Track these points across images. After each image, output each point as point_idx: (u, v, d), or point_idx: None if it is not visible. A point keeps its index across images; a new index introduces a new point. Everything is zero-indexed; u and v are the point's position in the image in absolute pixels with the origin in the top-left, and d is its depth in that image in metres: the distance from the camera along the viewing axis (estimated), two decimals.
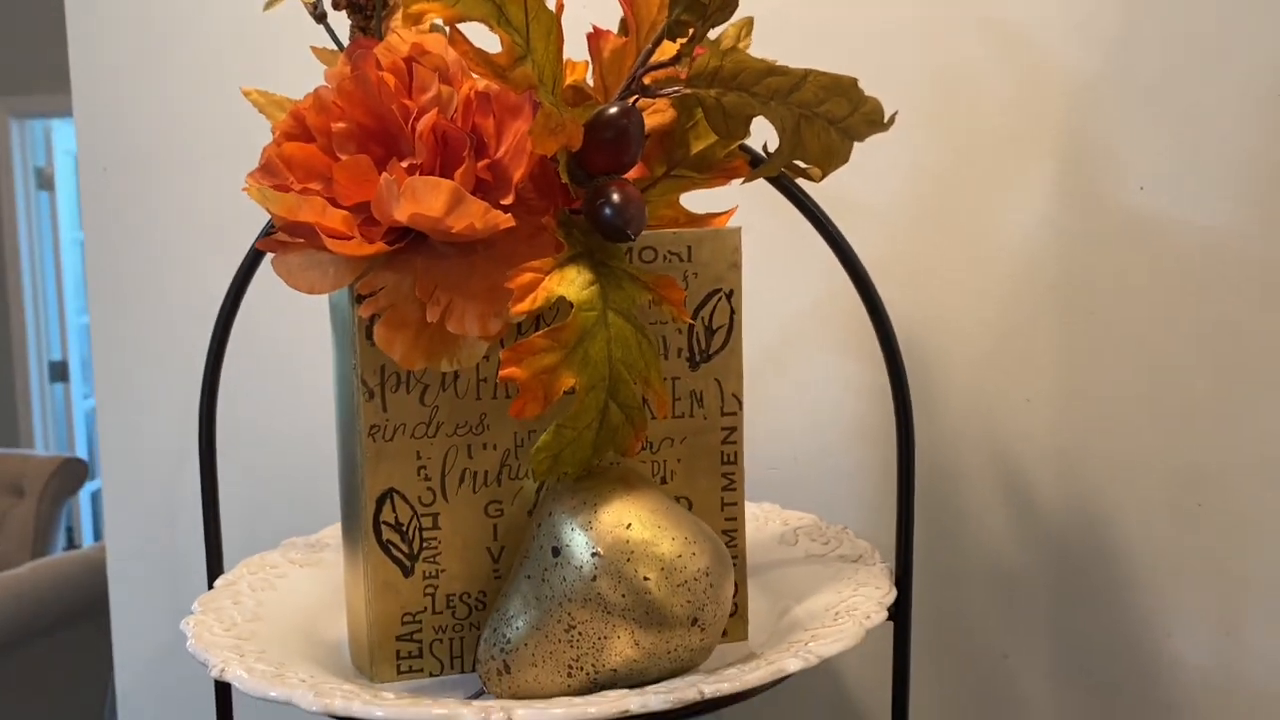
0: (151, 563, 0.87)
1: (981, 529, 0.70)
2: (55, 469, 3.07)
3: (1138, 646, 0.68)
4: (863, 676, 0.73)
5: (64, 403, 4.13)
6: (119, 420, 0.85)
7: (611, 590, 0.44)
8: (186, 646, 0.49)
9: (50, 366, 4.09)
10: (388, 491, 0.49)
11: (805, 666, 0.44)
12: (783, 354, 0.72)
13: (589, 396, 0.44)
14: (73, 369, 4.13)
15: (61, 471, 3.09)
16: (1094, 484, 0.67)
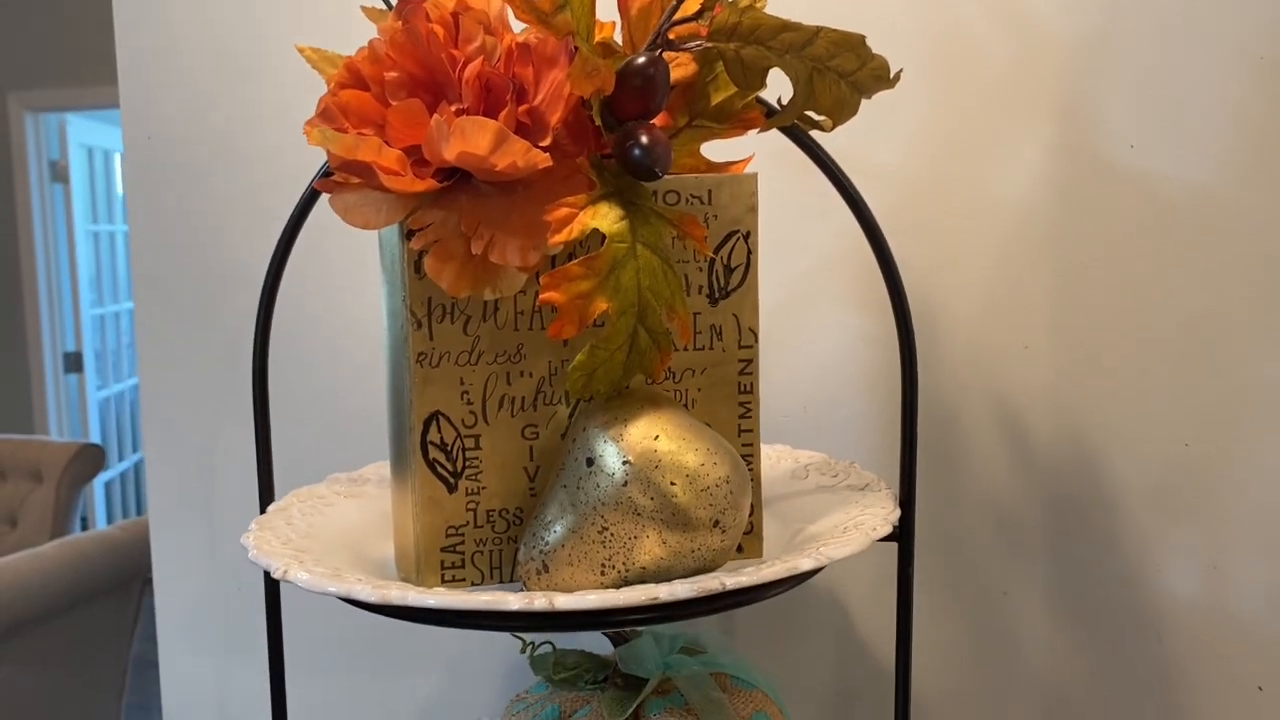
0: (191, 524, 0.91)
1: (982, 472, 0.74)
2: (73, 455, 3.12)
3: (1129, 580, 0.72)
4: (868, 612, 0.77)
5: (78, 393, 4.18)
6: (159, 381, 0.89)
7: (641, 495, 0.48)
8: (248, 557, 0.53)
9: (64, 358, 4.13)
10: (434, 414, 0.53)
11: (816, 566, 0.48)
12: (793, 307, 0.76)
13: (620, 320, 0.48)
14: (86, 360, 4.18)
15: (79, 458, 3.14)
16: (1088, 426, 0.71)
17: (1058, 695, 0.74)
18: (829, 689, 0.78)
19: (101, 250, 4.31)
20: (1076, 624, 0.73)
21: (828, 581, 0.78)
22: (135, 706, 2.95)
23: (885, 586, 0.74)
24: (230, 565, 0.91)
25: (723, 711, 0.59)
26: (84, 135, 4.09)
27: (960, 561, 0.75)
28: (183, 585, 0.92)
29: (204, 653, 0.92)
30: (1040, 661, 0.74)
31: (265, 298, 0.59)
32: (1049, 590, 0.73)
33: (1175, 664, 0.71)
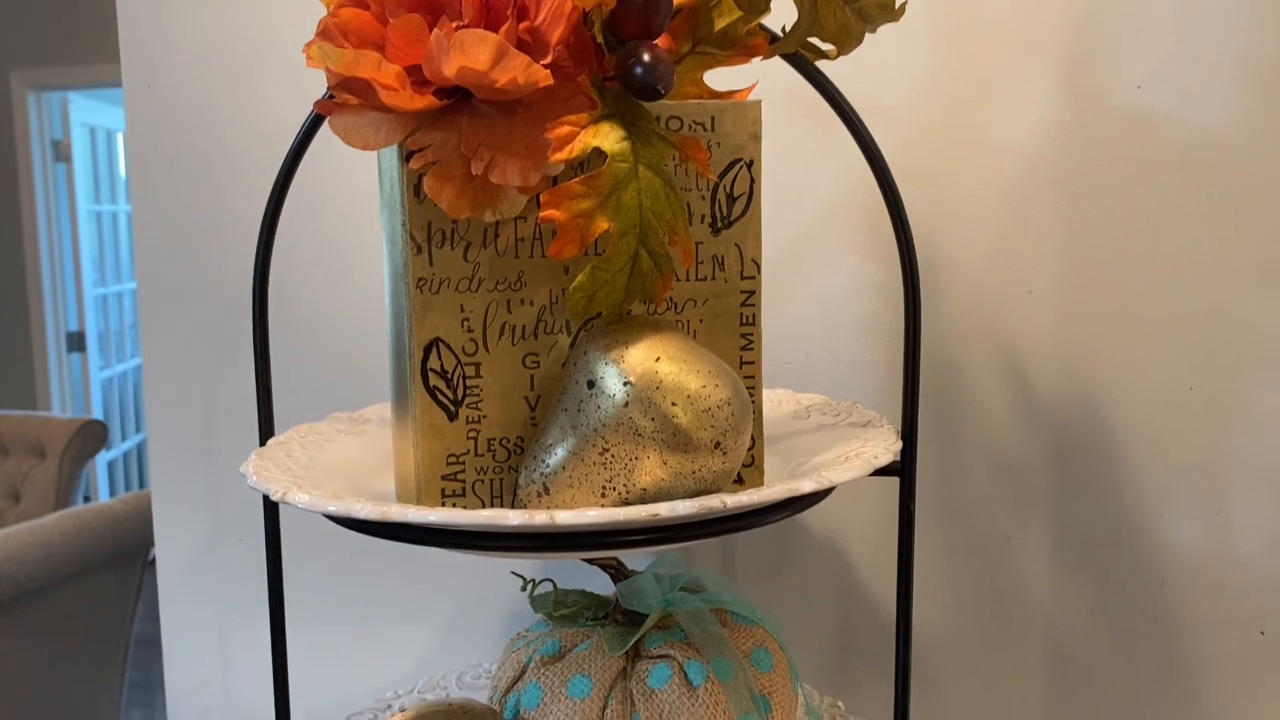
0: (190, 468, 0.91)
1: (985, 417, 0.74)
2: (76, 430, 3.13)
3: (1132, 526, 0.71)
4: (868, 563, 0.77)
5: (81, 373, 4.18)
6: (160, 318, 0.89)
7: (641, 416, 0.48)
8: (248, 483, 0.53)
9: (67, 337, 4.14)
10: (434, 341, 0.53)
11: (817, 488, 0.48)
12: (795, 253, 0.76)
13: (622, 241, 0.48)
14: (89, 340, 4.18)
15: (82, 433, 3.14)
16: (1092, 371, 0.71)
17: (1059, 642, 0.74)
18: (829, 639, 0.78)
19: (104, 230, 4.31)
20: (1079, 570, 0.73)
21: (827, 530, 0.78)
22: (138, 684, 2.96)
23: (885, 536, 0.74)
24: (231, 518, 0.91)
25: (723, 645, 0.59)
26: (86, 115, 4.08)
27: (962, 508, 0.75)
28: (184, 538, 0.92)
29: (205, 605, 0.92)
30: (1042, 608, 0.74)
31: (265, 229, 0.59)
32: (1051, 536, 0.73)
33: (1178, 609, 0.71)
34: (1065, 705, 0.74)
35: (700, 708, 0.56)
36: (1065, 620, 0.73)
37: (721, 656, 0.58)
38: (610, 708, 0.57)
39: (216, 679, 0.93)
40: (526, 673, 0.60)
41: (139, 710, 3.10)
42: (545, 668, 0.59)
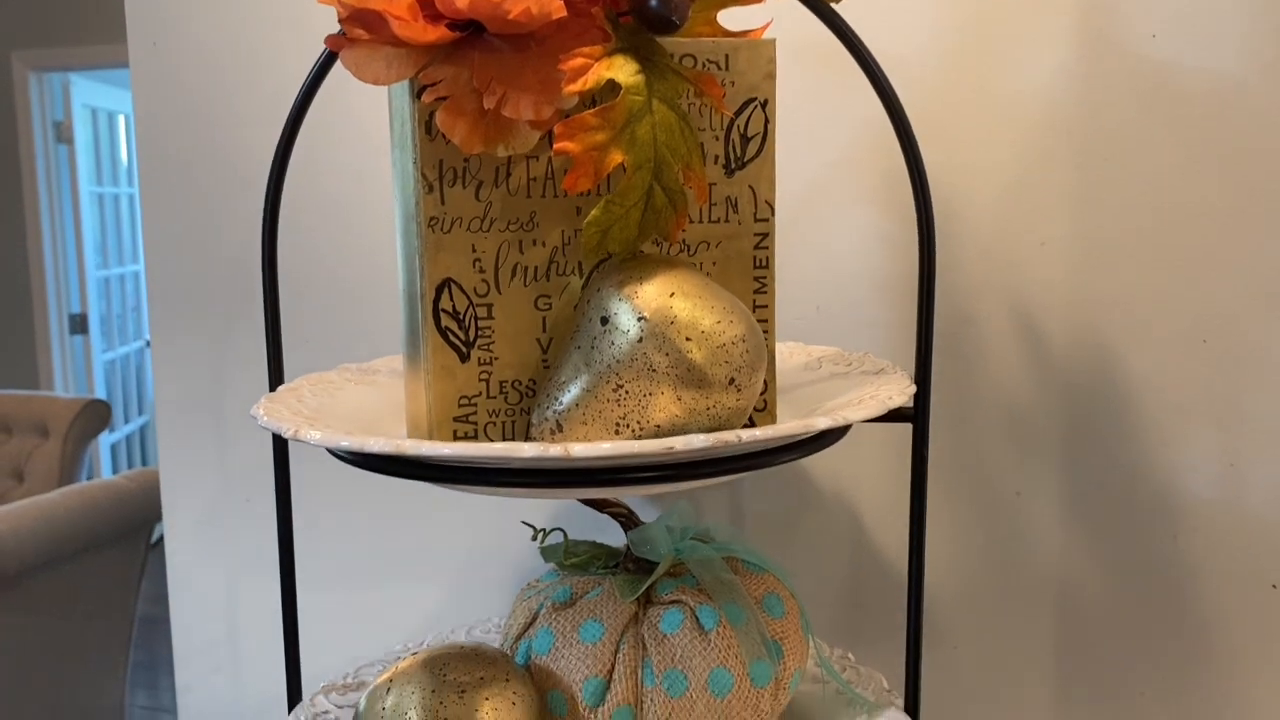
0: (198, 428, 0.91)
1: (996, 371, 0.73)
2: (79, 410, 3.13)
3: (1144, 481, 0.71)
4: (879, 520, 0.77)
5: (84, 355, 4.19)
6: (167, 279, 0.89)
7: (655, 352, 0.47)
8: (258, 423, 0.52)
9: (70, 319, 4.14)
10: (445, 281, 0.52)
11: (832, 425, 0.48)
12: (807, 206, 0.75)
13: (636, 175, 0.48)
14: (92, 322, 4.18)
15: (85, 413, 3.14)
16: (1105, 323, 0.71)
17: (1071, 596, 0.73)
18: (839, 595, 0.78)
19: (106, 212, 4.30)
20: (1090, 524, 0.73)
21: (837, 486, 0.77)
22: (141, 665, 2.97)
23: (895, 492, 0.74)
24: (239, 478, 0.91)
25: (734, 591, 0.59)
26: (88, 96, 4.07)
27: (972, 463, 0.74)
28: (191, 499, 0.92)
29: (213, 566, 0.92)
30: (1053, 563, 0.74)
31: (275, 171, 0.58)
32: (1063, 490, 0.73)
33: (1190, 563, 0.71)
34: (1076, 660, 0.74)
35: (712, 651, 0.56)
36: (1076, 575, 0.73)
37: (733, 602, 0.58)
38: (622, 652, 0.57)
39: (224, 640, 0.93)
40: (538, 619, 0.60)
41: (143, 691, 3.11)
42: (557, 614, 0.59)
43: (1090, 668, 0.74)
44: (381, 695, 0.54)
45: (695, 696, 0.55)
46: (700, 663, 0.56)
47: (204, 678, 0.94)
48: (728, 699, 0.56)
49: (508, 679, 0.54)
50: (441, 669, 0.54)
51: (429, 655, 0.55)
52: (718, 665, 0.56)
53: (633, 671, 0.56)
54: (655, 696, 0.56)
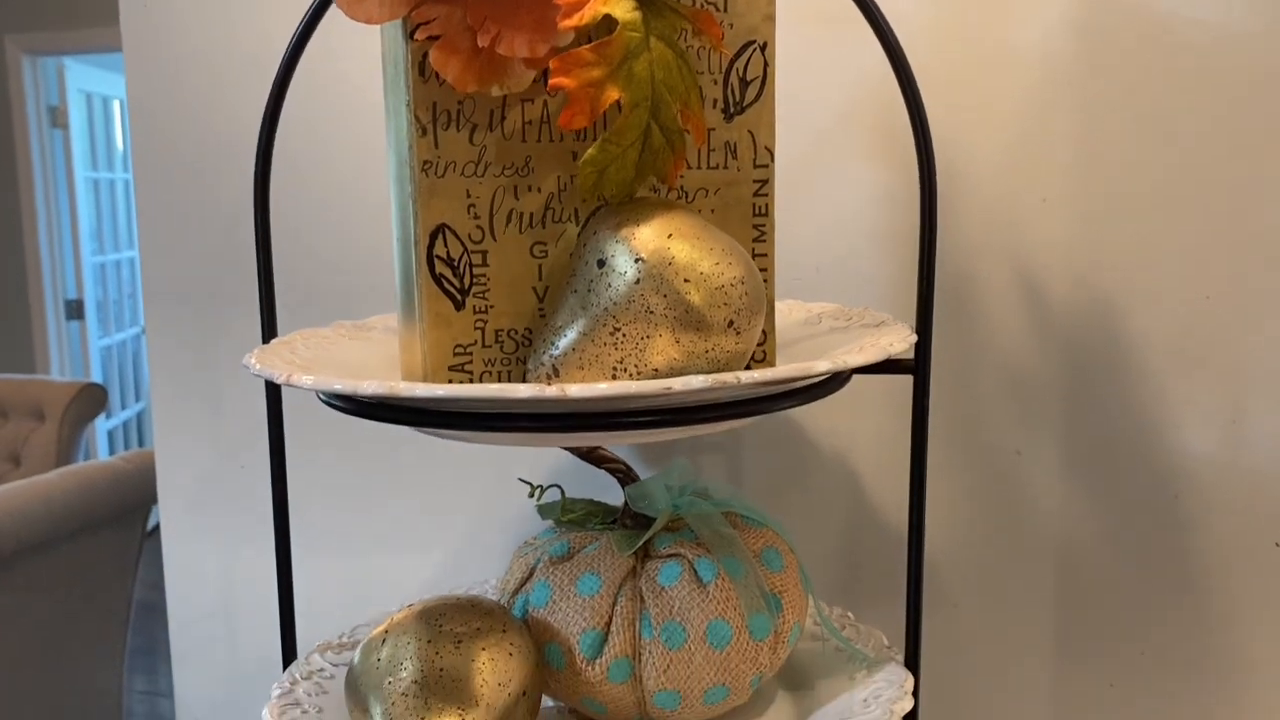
0: (191, 394, 0.90)
1: (997, 330, 0.73)
2: (75, 394, 3.12)
3: (1145, 438, 0.71)
4: (878, 481, 0.76)
5: (80, 340, 4.18)
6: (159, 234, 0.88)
7: (653, 294, 0.47)
8: (252, 371, 0.52)
9: (66, 305, 4.13)
10: (440, 227, 0.51)
11: (832, 368, 0.47)
12: (805, 166, 0.74)
13: (633, 113, 0.47)
14: (88, 308, 4.17)
15: (81, 397, 3.13)
16: (1106, 280, 0.70)
17: (1071, 557, 0.73)
18: (837, 556, 0.78)
19: (102, 198, 4.29)
20: (1091, 484, 0.72)
21: (835, 447, 0.77)
22: (140, 650, 2.97)
23: (894, 452, 0.74)
24: (234, 444, 0.90)
25: (733, 545, 0.58)
26: (83, 81, 4.05)
27: (973, 422, 0.74)
28: (186, 466, 0.91)
29: (208, 533, 0.92)
30: (1053, 522, 0.73)
31: (267, 122, 0.57)
32: (1062, 450, 0.72)
33: (1192, 522, 0.70)
34: (1076, 620, 0.73)
35: (711, 604, 0.56)
36: (1076, 534, 0.73)
37: (732, 556, 0.57)
38: (620, 604, 0.56)
39: (220, 610, 0.93)
40: (534, 573, 0.59)
41: (141, 676, 3.11)
42: (554, 567, 0.59)
43: (1090, 626, 0.73)
44: (377, 647, 0.53)
45: (694, 648, 0.55)
46: (698, 614, 0.55)
47: (200, 647, 0.93)
48: (726, 651, 0.55)
49: (504, 630, 0.53)
50: (438, 620, 0.53)
51: (425, 606, 0.55)
52: (716, 617, 0.55)
53: (630, 624, 0.56)
54: (653, 648, 0.55)
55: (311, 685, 0.60)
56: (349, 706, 0.54)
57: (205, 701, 0.93)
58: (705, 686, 0.55)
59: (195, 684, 0.94)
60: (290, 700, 0.58)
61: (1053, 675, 0.74)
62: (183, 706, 0.94)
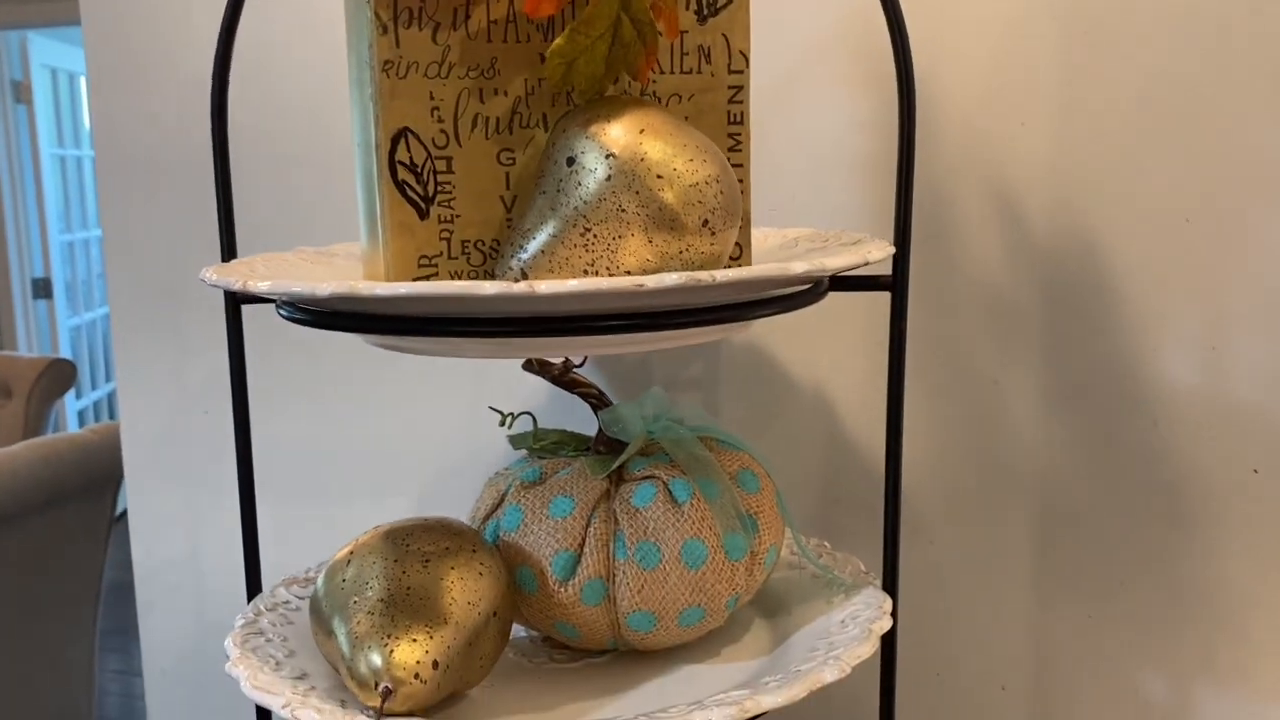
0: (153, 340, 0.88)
1: (975, 255, 0.71)
2: (42, 370, 3.07)
3: (1125, 365, 0.70)
4: (856, 416, 0.75)
5: (48, 320, 4.12)
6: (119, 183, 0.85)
7: (625, 192, 0.45)
8: (208, 282, 0.50)
9: (33, 283, 4.06)
10: (402, 131, 0.50)
11: (810, 269, 0.46)
12: (780, 93, 0.73)
13: (603, 2, 0.45)
14: (56, 287, 4.11)
15: (49, 372, 3.08)
16: (1086, 204, 0.69)
17: (1049, 487, 0.72)
18: (813, 492, 0.77)
19: (69, 175, 4.21)
20: (1069, 412, 0.71)
21: (815, 382, 0.76)
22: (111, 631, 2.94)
23: (871, 389, 0.73)
24: (196, 391, 0.88)
25: (708, 467, 0.57)
26: (47, 56, 3.97)
27: (950, 352, 0.73)
28: (148, 413, 0.89)
29: (172, 481, 0.90)
30: (1031, 453, 0.72)
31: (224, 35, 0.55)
32: (1040, 379, 0.71)
33: (1171, 450, 0.69)
34: (1055, 551, 0.73)
35: (686, 524, 0.54)
36: (1054, 465, 0.72)
37: (707, 477, 0.56)
38: (593, 526, 0.55)
39: (186, 556, 0.91)
40: (505, 499, 0.58)
41: (115, 655, 3.08)
42: (525, 491, 0.57)
43: (1069, 558, 0.72)
44: (341, 568, 0.51)
45: (669, 568, 0.54)
46: (673, 534, 0.54)
47: (166, 595, 0.91)
48: (701, 570, 0.54)
49: (474, 550, 0.52)
50: (405, 540, 0.52)
51: (391, 528, 0.53)
52: (691, 537, 0.54)
53: (604, 545, 0.54)
54: (628, 569, 0.54)
55: (276, 616, 0.58)
56: (313, 631, 0.52)
57: (172, 651, 0.92)
58: (680, 608, 0.54)
59: (161, 634, 0.92)
60: (254, 630, 0.56)
61: (1031, 607, 0.74)
62: (149, 656, 0.92)
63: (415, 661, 0.47)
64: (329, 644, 0.50)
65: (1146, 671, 0.72)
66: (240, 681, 0.50)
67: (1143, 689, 0.72)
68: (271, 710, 0.49)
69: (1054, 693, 0.74)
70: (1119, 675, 0.72)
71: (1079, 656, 0.73)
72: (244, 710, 0.71)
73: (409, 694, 0.47)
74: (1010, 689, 0.75)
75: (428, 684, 0.47)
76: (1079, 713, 0.73)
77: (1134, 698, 0.72)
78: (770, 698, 0.47)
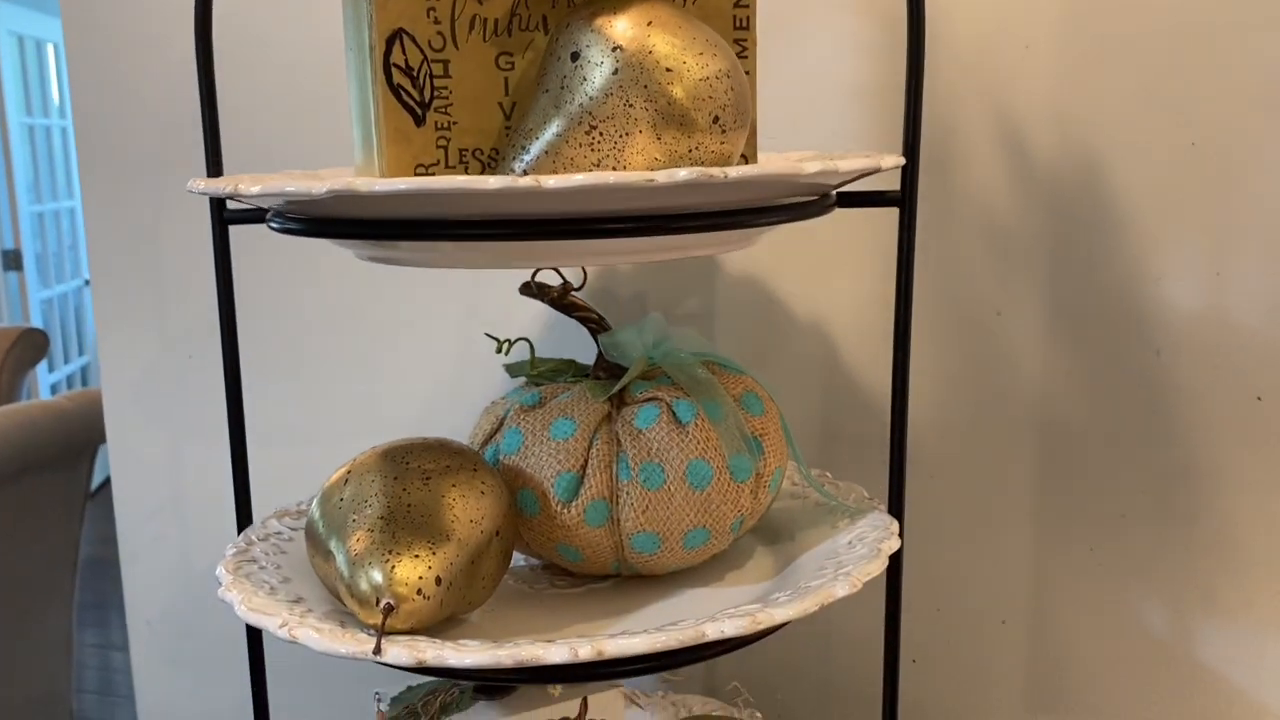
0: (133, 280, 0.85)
1: (978, 183, 0.70)
2: (14, 339, 3.01)
3: (1128, 293, 0.69)
4: (857, 340, 0.74)
5: (19, 292, 4.05)
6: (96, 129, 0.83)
7: (632, 87, 0.43)
8: (195, 191, 0.48)
9: (3, 255, 3.99)
10: (397, 32, 0.48)
11: (823, 169, 0.44)
12: (782, 18, 0.71)
13: None
14: (26, 259, 4.04)
15: (21, 342, 3.02)
16: (1090, 129, 0.68)
17: (1052, 418, 0.71)
18: (815, 426, 0.76)
19: (38, 145, 4.13)
20: (1072, 343, 0.70)
21: (814, 314, 0.74)
22: (89, 605, 2.91)
23: (874, 318, 0.71)
24: (181, 334, 0.86)
25: (712, 389, 0.55)
26: (13, 22, 3.88)
27: (953, 282, 0.72)
28: (130, 358, 0.87)
29: (155, 429, 0.88)
30: (1034, 383, 0.71)
31: None
32: (1044, 308, 0.71)
33: (1173, 377, 0.69)
34: (1056, 483, 0.72)
35: (690, 444, 0.53)
36: (1058, 395, 0.71)
37: (711, 399, 0.55)
38: (596, 447, 0.53)
39: (170, 506, 0.89)
40: (504, 423, 0.56)
41: (93, 630, 3.05)
42: (525, 415, 0.56)
43: (1071, 490, 0.72)
44: (339, 488, 0.50)
45: (673, 489, 0.52)
46: (678, 455, 0.53)
47: (149, 547, 0.89)
48: (707, 491, 0.53)
49: (475, 469, 0.50)
50: (404, 458, 0.50)
51: (390, 446, 0.51)
52: (696, 457, 0.53)
53: (607, 466, 0.53)
54: (631, 490, 0.52)
55: (269, 546, 0.57)
56: (309, 555, 0.51)
57: (157, 603, 0.90)
58: (685, 529, 0.53)
59: (145, 586, 0.90)
60: (246, 558, 0.54)
61: (1031, 539, 0.73)
62: (134, 609, 0.91)
63: (418, 577, 0.45)
64: (326, 566, 0.49)
65: (1148, 604, 0.71)
66: (234, 605, 0.49)
67: (1144, 621, 0.72)
68: (266, 632, 0.47)
69: (1054, 626, 0.73)
70: (1120, 608, 0.72)
71: (1080, 590, 0.73)
72: (232, 661, 0.70)
73: (411, 610, 0.45)
74: (1010, 623, 0.74)
75: (430, 600, 0.45)
76: (1080, 646, 0.73)
77: (1135, 630, 0.72)
78: (781, 610, 0.46)
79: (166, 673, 0.91)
